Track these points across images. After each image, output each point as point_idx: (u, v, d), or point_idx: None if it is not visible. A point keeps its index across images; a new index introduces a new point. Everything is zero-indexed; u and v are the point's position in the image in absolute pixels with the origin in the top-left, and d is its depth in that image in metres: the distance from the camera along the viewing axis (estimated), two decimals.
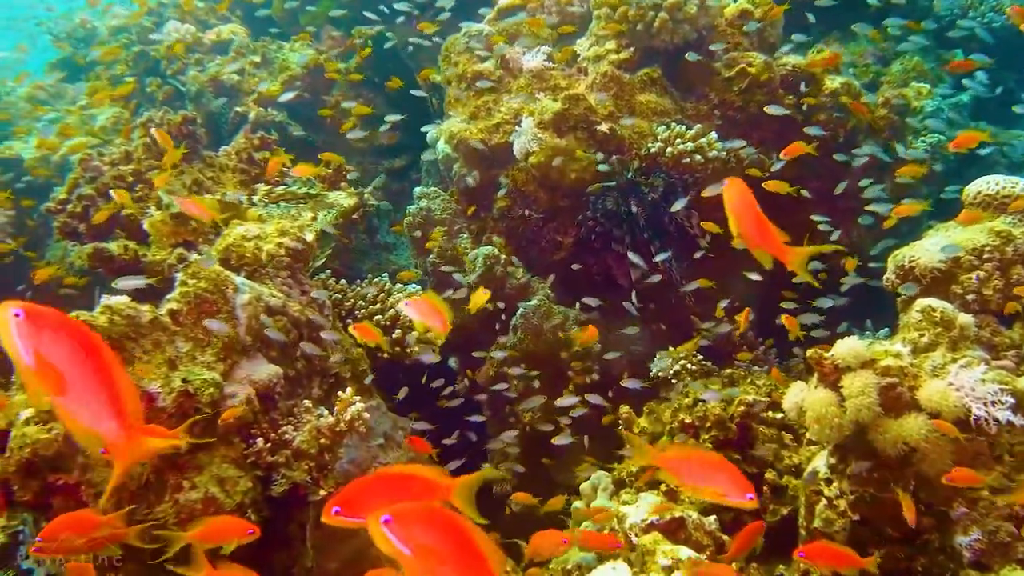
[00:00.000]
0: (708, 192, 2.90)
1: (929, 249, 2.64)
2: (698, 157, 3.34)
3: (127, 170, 3.46)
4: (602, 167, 3.38)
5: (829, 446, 2.41)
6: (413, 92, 4.09)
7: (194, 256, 2.83)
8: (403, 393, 3.23)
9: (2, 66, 8.97)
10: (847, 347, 2.32)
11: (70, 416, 1.23)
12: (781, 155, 2.95)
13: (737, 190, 1.80)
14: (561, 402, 3.16)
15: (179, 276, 2.62)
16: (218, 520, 2.02)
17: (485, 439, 3.71)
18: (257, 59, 4.96)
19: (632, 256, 3.38)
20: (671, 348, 3.41)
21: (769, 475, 2.79)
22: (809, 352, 2.37)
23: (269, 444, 2.48)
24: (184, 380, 2.35)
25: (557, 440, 3.02)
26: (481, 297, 3.09)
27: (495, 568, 1.18)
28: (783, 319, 2.99)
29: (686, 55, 3.46)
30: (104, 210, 3.31)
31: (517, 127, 3.62)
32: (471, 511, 1.42)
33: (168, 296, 2.57)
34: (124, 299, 2.41)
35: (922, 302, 2.44)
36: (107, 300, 2.40)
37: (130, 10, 6.15)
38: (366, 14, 4.47)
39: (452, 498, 1.40)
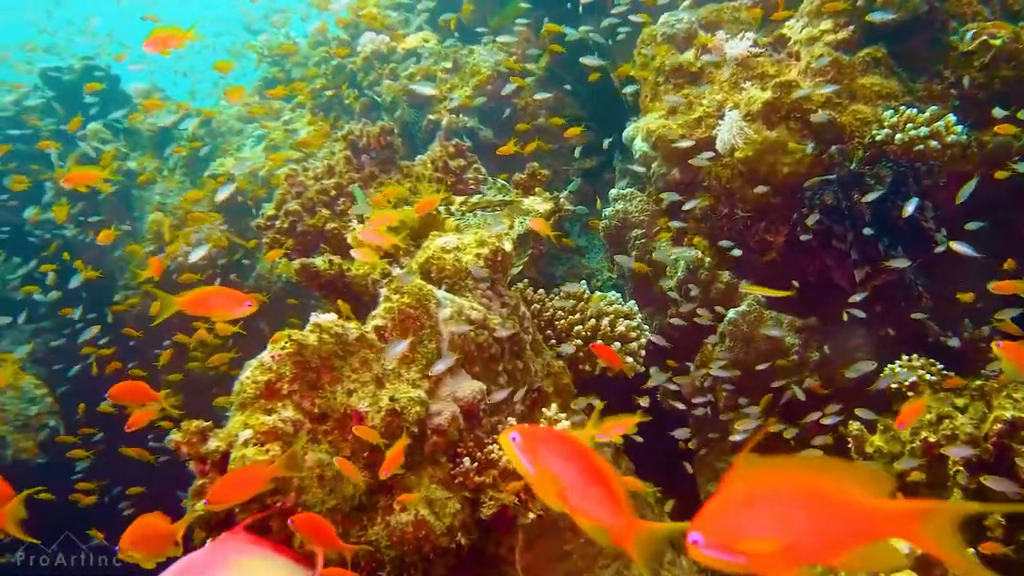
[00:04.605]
0: None
1: None
2: (933, 143, 2.96)
3: (330, 184, 3.52)
4: (801, 151, 3.07)
5: None
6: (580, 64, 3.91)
7: (396, 271, 2.80)
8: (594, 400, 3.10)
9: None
10: None
11: None
12: None
13: None
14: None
15: (383, 291, 2.60)
16: None
17: (690, 454, 3.51)
18: (448, 65, 4.97)
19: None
20: (903, 356, 3.06)
21: None
22: None
23: (476, 464, 2.41)
24: (391, 399, 2.31)
25: None
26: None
27: (623, 497, 1.13)
28: None
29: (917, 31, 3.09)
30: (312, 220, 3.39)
31: (720, 120, 3.38)
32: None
33: (373, 312, 2.56)
34: (332, 317, 2.41)
35: None
36: (316, 318, 2.40)
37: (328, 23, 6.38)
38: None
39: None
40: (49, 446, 4.88)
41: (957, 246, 2.79)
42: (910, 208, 2.85)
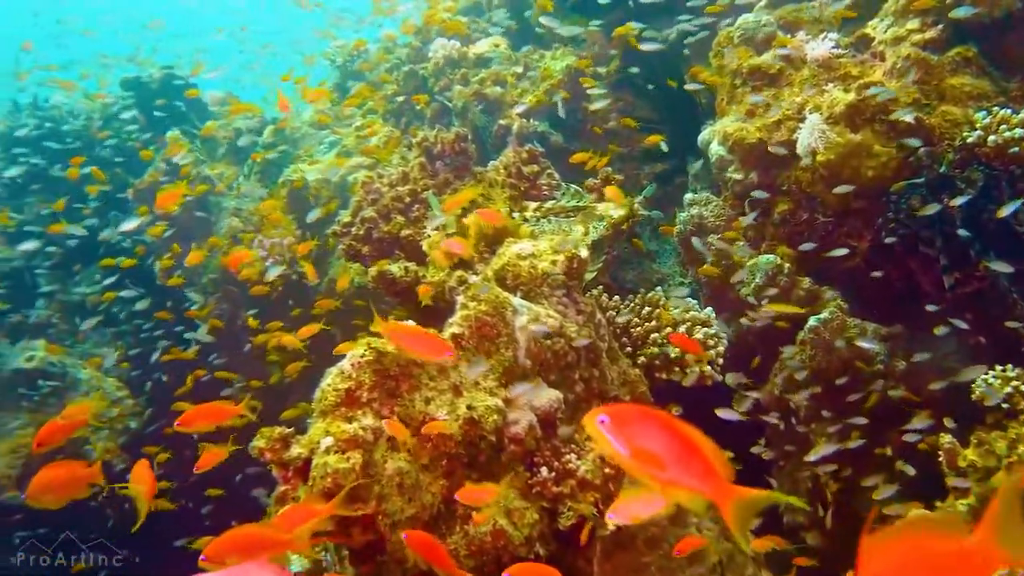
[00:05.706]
0: None
1: None
2: None
3: (405, 191, 3.54)
4: (888, 154, 2.98)
5: None
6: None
7: (472, 278, 2.80)
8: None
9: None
10: None
11: None
12: None
13: None
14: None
15: (459, 299, 2.59)
16: None
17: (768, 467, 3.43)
18: (519, 70, 4.96)
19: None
20: (997, 366, 2.93)
21: None
22: None
23: (553, 474, 2.38)
24: (469, 407, 2.30)
25: (880, 495, 2.69)
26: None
27: (721, 468, 1.13)
28: None
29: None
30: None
31: (801, 123, 3.29)
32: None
33: (450, 320, 2.55)
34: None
35: None
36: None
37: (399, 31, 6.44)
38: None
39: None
40: (132, 448, 5.02)
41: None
42: (1009, 209, 2.73)
